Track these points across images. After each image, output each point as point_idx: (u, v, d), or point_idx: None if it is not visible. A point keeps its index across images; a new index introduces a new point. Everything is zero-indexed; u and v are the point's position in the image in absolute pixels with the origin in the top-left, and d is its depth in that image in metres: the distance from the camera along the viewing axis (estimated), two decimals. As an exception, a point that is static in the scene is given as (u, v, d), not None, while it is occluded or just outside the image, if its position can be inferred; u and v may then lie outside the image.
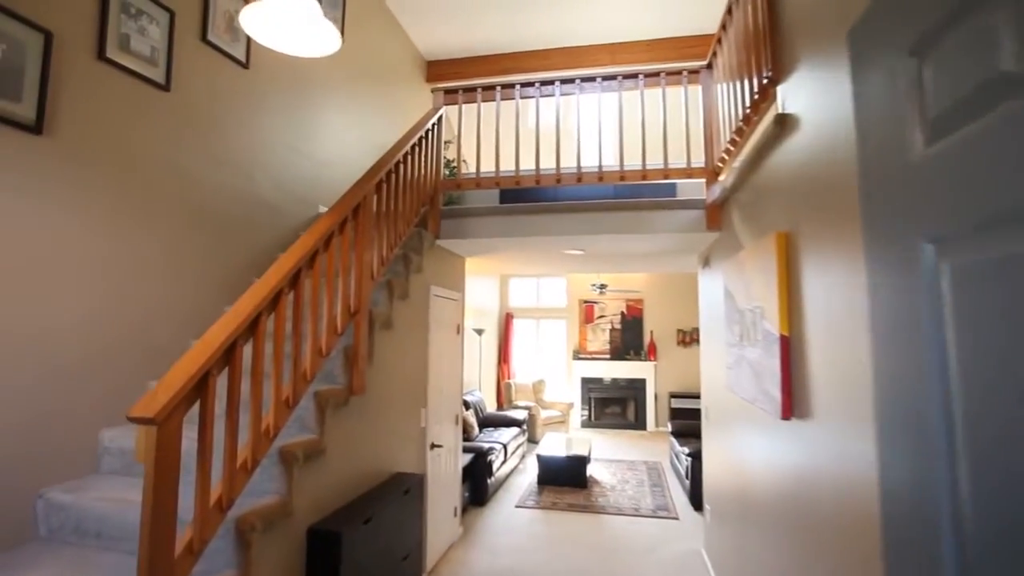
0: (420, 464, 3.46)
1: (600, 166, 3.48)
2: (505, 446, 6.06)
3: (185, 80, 2.74)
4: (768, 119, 2.59)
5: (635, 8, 5.04)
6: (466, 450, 5.15)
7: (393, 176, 2.97)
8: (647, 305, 9.79)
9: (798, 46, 1.85)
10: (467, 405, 6.70)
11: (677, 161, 3.51)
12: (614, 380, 9.70)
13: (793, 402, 1.91)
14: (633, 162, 3.47)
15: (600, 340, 9.89)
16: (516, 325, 10.08)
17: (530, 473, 6.53)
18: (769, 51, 2.11)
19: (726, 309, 2.94)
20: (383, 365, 2.89)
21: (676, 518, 4.94)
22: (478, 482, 5.17)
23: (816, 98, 1.65)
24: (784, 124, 2.01)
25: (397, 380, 3.09)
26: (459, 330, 4.31)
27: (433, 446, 3.66)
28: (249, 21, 1.49)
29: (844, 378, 1.46)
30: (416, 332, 3.39)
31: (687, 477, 5.27)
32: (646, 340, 9.71)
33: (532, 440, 8.29)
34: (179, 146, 2.71)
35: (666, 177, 3.42)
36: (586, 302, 9.96)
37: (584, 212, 3.51)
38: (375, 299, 2.88)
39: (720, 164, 3.16)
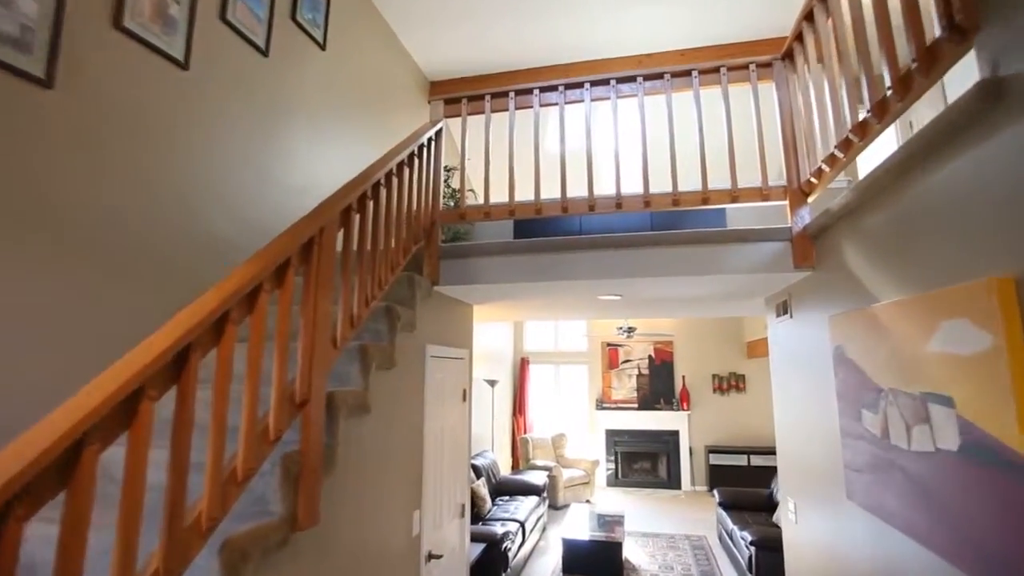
0: (412, 589, 2.57)
1: (646, 189, 2.68)
2: (523, 524, 5.10)
3: (84, 77, 2.00)
4: (944, 95, 1.77)
5: (666, 15, 4.34)
6: (475, 538, 4.22)
7: (371, 203, 2.19)
8: (678, 348, 8.86)
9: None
10: (477, 472, 5.78)
11: (747, 180, 2.70)
12: (642, 432, 8.69)
13: (1076, 597, 1.02)
14: (688, 184, 2.66)
15: (626, 387, 8.93)
16: (532, 371, 9.18)
17: (552, 553, 5.54)
18: (953, -16, 1.31)
19: (842, 383, 2.06)
20: (354, 467, 2.04)
21: (741, 629, 3.93)
22: (491, 579, 4.22)
23: None
24: (1002, 95, 1.18)
25: (377, 483, 2.23)
26: (466, 396, 3.46)
27: (431, 557, 2.77)
28: None
29: None
30: (406, 410, 2.55)
31: (751, 571, 4.27)
32: (677, 387, 8.74)
33: (553, 506, 7.28)
34: (73, 166, 1.95)
35: (734, 200, 2.61)
36: (610, 345, 9.05)
37: (623, 248, 2.69)
38: (342, 374, 2.06)
39: (814, 180, 2.34)
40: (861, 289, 1.93)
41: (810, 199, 2.49)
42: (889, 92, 1.60)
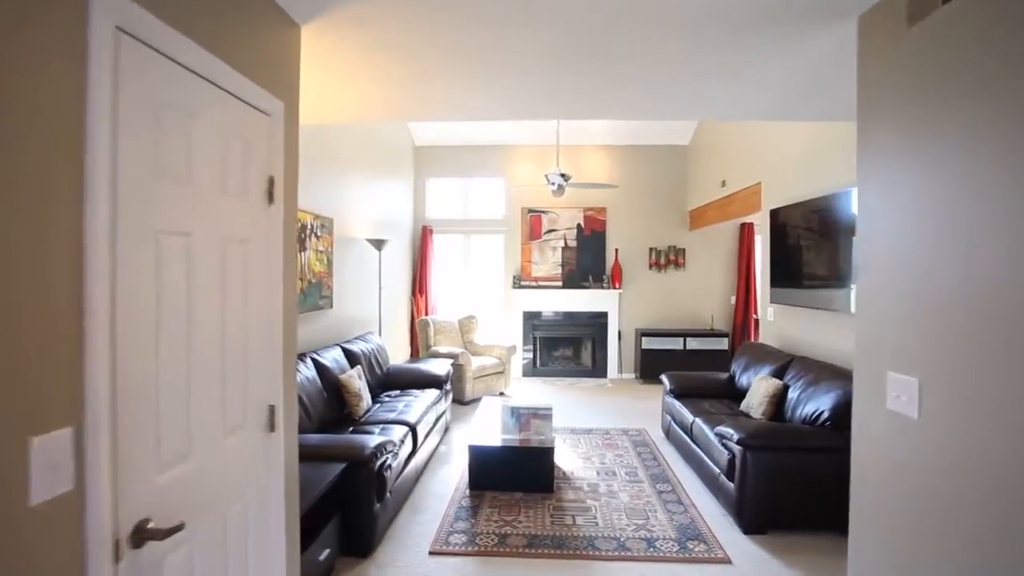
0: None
1: None
2: (414, 427, 3.61)
3: None
4: None
5: None
6: (329, 456, 2.64)
7: None
8: (611, 216, 7.44)
9: None
10: (353, 359, 4.15)
11: None
12: (566, 314, 7.42)
13: None
14: None
15: (549, 262, 7.50)
16: (436, 243, 7.45)
17: (457, 462, 4.16)
18: None
19: None
20: None
21: (726, 560, 2.74)
22: (358, 517, 2.70)
23: None
24: None
25: None
26: (273, 194, 1.67)
27: (142, 539, 1.10)
28: None
29: None
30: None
31: (732, 478, 3.07)
32: (609, 262, 7.42)
33: (460, 401, 5.91)
34: None
35: None
36: (532, 212, 7.45)
37: None
38: None
39: None
40: None
41: None
42: None
